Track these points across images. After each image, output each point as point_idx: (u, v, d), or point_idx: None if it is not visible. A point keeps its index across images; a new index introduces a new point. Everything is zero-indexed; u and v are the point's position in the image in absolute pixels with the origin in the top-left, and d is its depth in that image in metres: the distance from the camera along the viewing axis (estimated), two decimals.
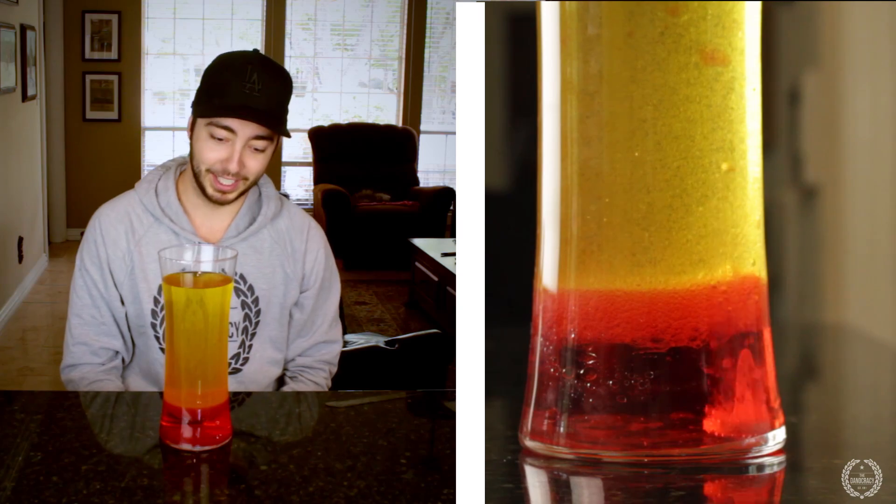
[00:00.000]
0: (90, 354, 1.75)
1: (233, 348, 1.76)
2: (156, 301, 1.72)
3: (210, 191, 1.70)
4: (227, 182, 1.68)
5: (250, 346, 1.77)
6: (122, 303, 1.74)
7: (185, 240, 1.72)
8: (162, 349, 1.72)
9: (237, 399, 1.49)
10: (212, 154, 1.67)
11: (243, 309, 1.76)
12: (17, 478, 1.12)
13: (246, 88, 1.64)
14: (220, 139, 1.65)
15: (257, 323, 1.77)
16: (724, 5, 0.96)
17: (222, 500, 1.15)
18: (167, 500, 1.12)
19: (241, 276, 1.75)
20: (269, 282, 1.77)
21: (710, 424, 0.96)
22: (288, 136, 1.70)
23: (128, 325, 1.76)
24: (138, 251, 1.72)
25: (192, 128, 1.71)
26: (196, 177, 1.71)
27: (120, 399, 1.51)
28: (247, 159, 1.68)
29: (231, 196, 1.71)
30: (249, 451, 1.26)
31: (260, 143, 1.68)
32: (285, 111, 1.71)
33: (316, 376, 1.85)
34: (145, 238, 1.73)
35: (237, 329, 1.76)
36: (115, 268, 1.73)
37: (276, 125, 1.67)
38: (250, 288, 1.76)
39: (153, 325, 1.73)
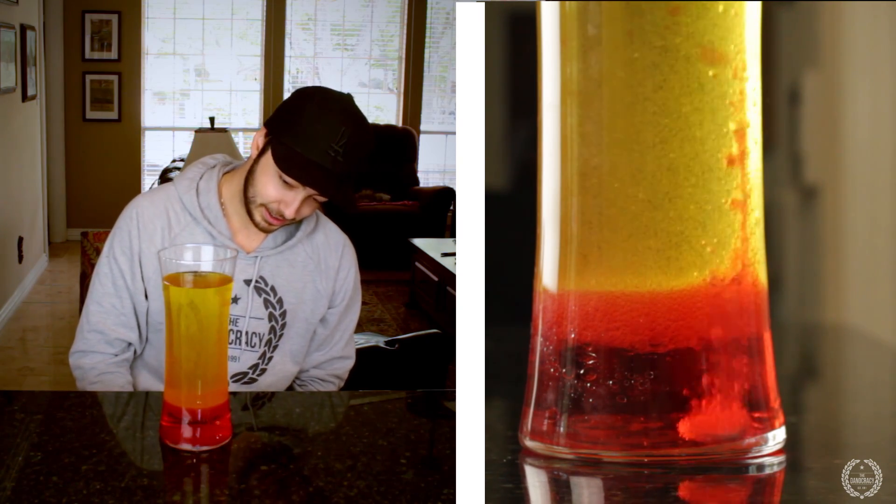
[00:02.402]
0: (104, 344, 1.74)
1: (252, 358, 1.76)
2: None
3: (258, 219, 1.69)
4: (277, 218, 1.68)
5: (270, 358, 1.77)
6: (146, 297, 1.73)
7: (221, 244, 1.70)
8: None
9: (237, 400, 1.49)
10: (273, 192, 1.65)
11: (270, 321, 1.75)
12: (17, 478, 1.12)
13: (331, 151, 1.61)
14: (287, 182, 1.64)
15: (281, 336, 1.77)
16: (724, 5, 0.96)
17: (222, 500, 1.15)
18: (167, 500, 1.12)
19: (272, 288, 1.75)
20: (299, 296, 1.77)
21: (711, 425, 0.96)
22: (355, 210, 1.68)
23: (147, 321, 1.75)
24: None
25: (260, 149, 1.68)
26: (247, 202, 1.69)
27: (120, 399, 1.51)
28: (304, 207, 1.67)
29: (275, 229, 1.72)
30: (249, 451, 1.26)
31: (321, 198, 1.67)
32: (360, 175, 1.69)
33: (325, 389, 1.86)
34: (181, 236, 1.71)
35: (260, 340, 1.75)
36: (145, 262, 1.71)
37: (346, 200, 1.65)
38: (280, 301, 1.76)
39: None
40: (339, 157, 1.61)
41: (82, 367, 1.74)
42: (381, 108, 7.93)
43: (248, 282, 1.73)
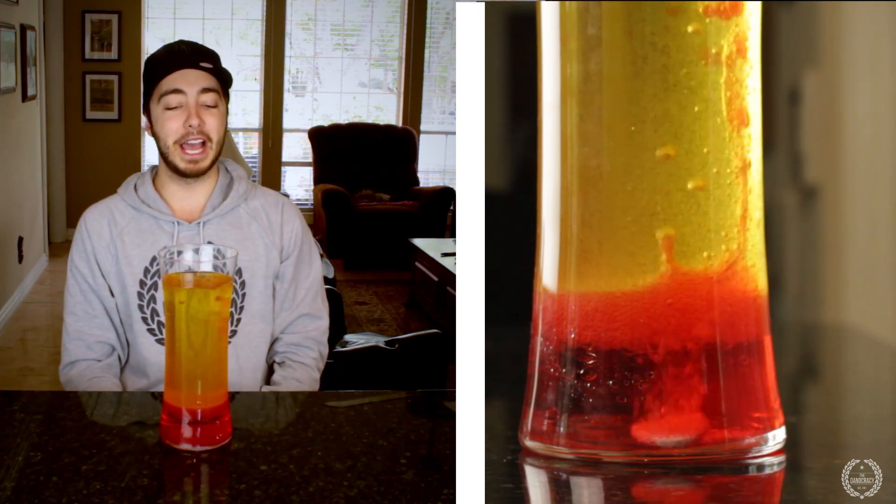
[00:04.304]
0: (86, 349, 1.79)
1: None
2: (141, 283, 1.77)
3: (183, 164, 1.78)
4: (194, 149, 1.77)
5: (239, 320, 1.80)
6: (112, 294, 1.80)
7: (164, 222, 1.79)
8: (149, 330, 1.77)
9: (237, 399, 1.49)
10: (172, 123, 1.76)
11: None
12: (17, 478, 1.12)
13: (176, 53, 1.79)
14: (175, 107, 1.76)
15: (243, 295, 1.81)
16: (723, 5, 0.96)
17: (222, 500, 1.15)
18: (167, 500, 1.12)
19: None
20: (251, 253, 1.82)
21: (710, 424, 0.96)
22: (230, 78, 1.84)
23: (119, 319, 1.80)
24: (121, 239, 1.79)
25: (150, 124, 1.82)
26: (166, 158, 1.80)
27: (119, 399, 1.51)
28: (203, 116, 1.77)
29: (203, 163, 1.78)
30: (249, 451, 1.26)
31: (210, 98, 1.78)
32: (219, 64, 1.83)
33: (304, 356, 1.86)
34: (128, 227, 1.80)
35: None
36: (101, 258, 1.80)
37: (215, 63, 1.79)
38: None
39: (140, 307, 1.77)
40: (184, 50, 1.79)
41: (71, 380, 1.78)
42: (381, 108, 7.93)
43: None
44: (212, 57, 1.82)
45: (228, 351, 1.75)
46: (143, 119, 1.84)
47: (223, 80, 1.82)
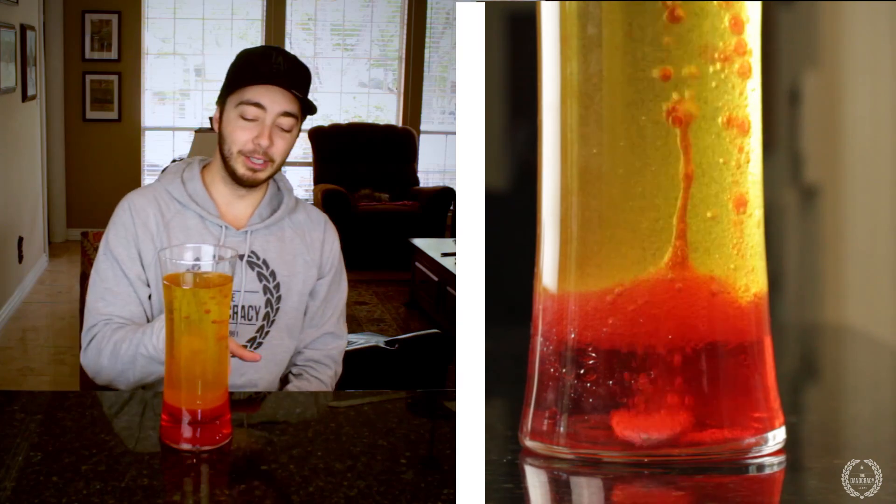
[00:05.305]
0: (112, 331, 1.71)
1: (250, 332, 1.78)
2: None
3: (241, 171, 1.75)
4: (258, 161, 1.74)
5: (267, 333, 1.80)
6: (148, 284, 1.75)
7: (211, 223, 1.76)
8: None
9: (237, 399, 1.49)
10: (243, 134, 1.73)
11: (265, 294, 1.79)
12: (17, 478, 1.12)
13: (273, 66, 1.73)
14: (251, 119, 1.72)
15: (277, 309, 1.81)
16: (724, 5, 0.96)
17: (222, 500, 1.15)
18: (167, 500, 1.12)
19: (264, 262, 1.80)
20: (290, 268, 1.82)
21: (710, 424, 0.96)
22: (315, 110, 1.79)
23: (151, 311, 1.76)
24: (167, 233, 1.75)
25: (219, 119, 1.77)
26: (226, 161, 1.76)
27: (120, 399, 1.51)
28: (275, 138, 1.74)
29: (261, 176, 1.76)
30: (249, 451, 1.26)
31: (287, 122, 1.74)
32: (308, 91, 1.78)
33: (321, 374, 1.86)
34: (173, 221, 1.76)
35: (257, 313, 1.79)
36: (143, 247, 1.74)
37: (304, 92, 1.75)
38: (272, 273, 1.80)
39: None
40: (281, 69, 1.73)
41: (93, 362, 1.71)
42: (381, 108, 7.93)
43: (240, 256, 1.77)
44: (305, 82, 1.78)
45: (248, 363, 1.76)
46: (215, 112, 1.80)
47: (305, 109, 1.78)
